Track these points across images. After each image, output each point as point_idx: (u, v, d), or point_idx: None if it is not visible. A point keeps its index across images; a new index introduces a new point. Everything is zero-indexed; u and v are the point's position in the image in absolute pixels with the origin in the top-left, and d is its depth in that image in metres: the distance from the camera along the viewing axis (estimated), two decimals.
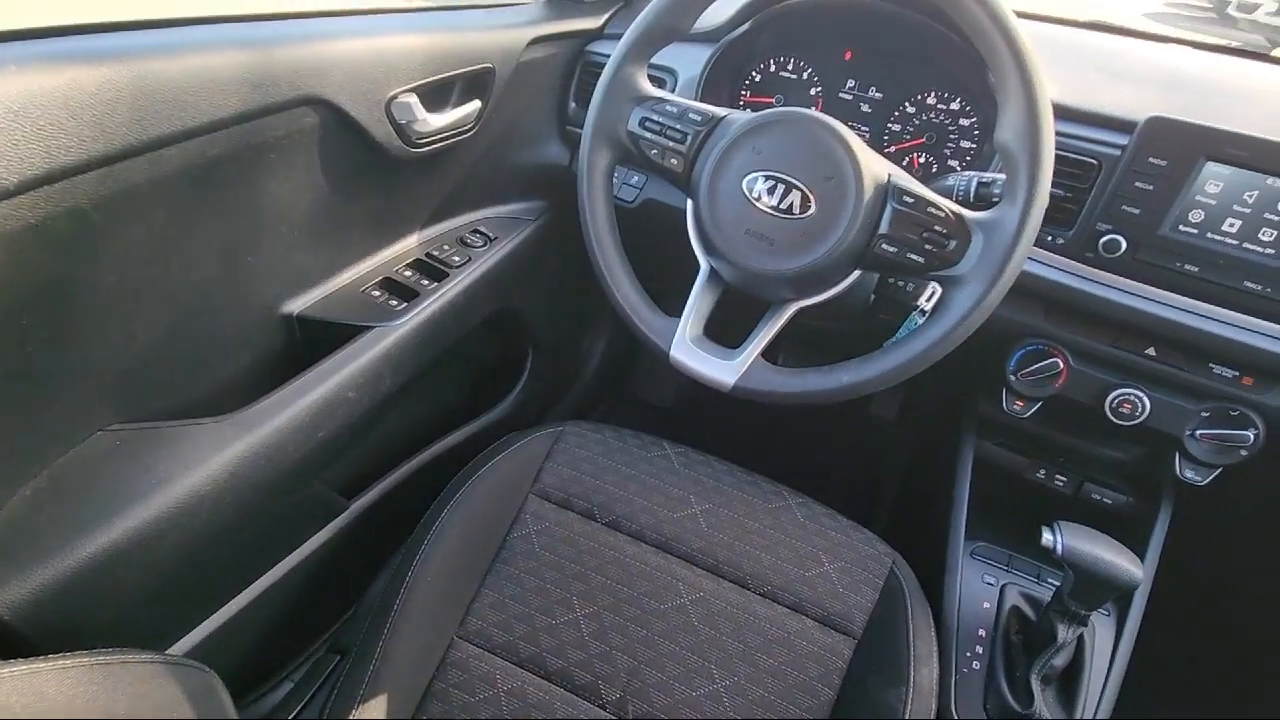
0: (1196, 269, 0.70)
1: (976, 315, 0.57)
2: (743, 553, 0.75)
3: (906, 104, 0.87)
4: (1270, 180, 0.66)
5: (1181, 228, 0.69)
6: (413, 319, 0.78)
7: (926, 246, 0.57)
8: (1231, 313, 0.70)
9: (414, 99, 0.71)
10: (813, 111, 0.60)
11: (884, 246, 0.58)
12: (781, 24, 0.88)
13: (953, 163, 0.88)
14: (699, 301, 0.67)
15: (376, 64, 0.68)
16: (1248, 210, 0.67)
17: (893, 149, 0.89)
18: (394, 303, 0.78)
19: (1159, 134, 0.68)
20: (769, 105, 0.69)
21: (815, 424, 1.48)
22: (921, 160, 0.89)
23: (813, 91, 0.91)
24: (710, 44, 0.87)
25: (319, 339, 0.73)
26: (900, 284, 0.76)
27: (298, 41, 0.62)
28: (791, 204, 0.59)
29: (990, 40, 0.54)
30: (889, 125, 0.88)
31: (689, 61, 0.88)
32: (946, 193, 0.67)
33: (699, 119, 0.63)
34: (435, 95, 0.76)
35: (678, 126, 0.63)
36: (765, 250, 0.60)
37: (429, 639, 0.69)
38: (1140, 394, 0.77)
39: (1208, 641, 1.21)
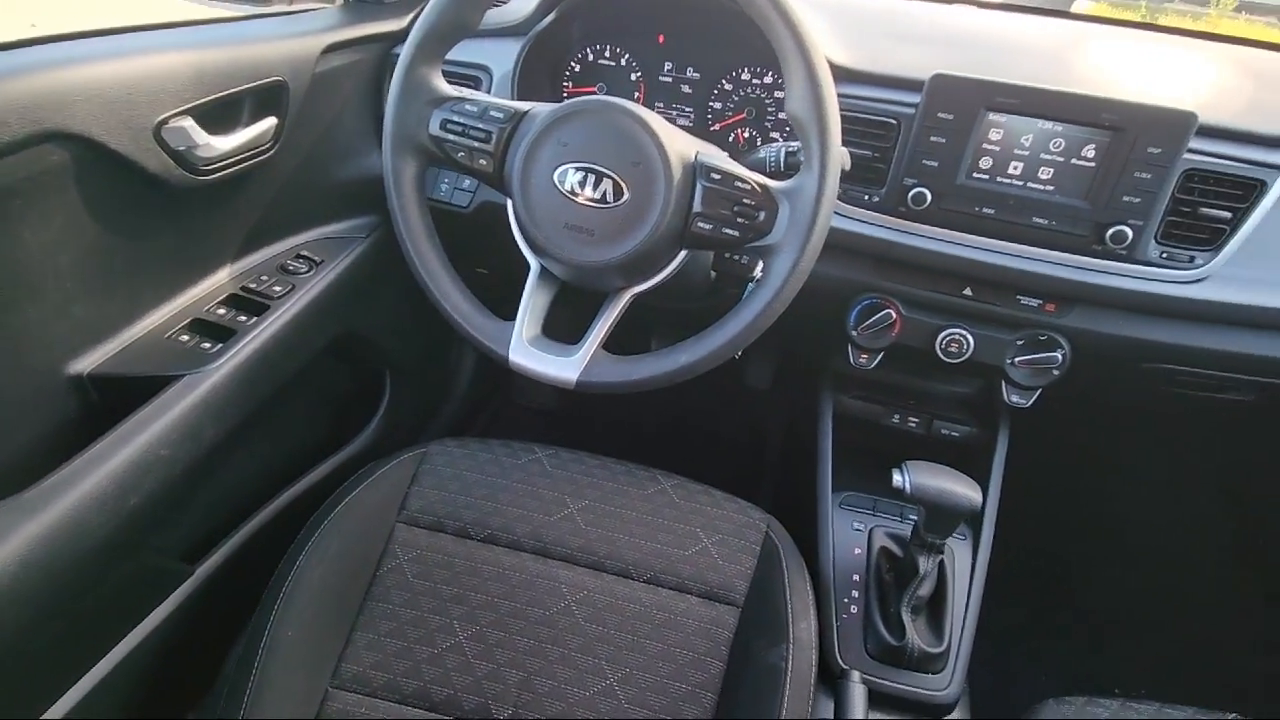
0: (993, 211, 0.76)
1: (794, 280, 0.58)
2: (623, 543, 0.75)
3: (724, 81, 0.89)
4: (1041, 124, 0.72)
5: (975, 175, 0.75)
6: (231, 360, 0.71)
7: (739, 220, 0.59)
8: (1027, 247, 0.76)
9: (190, 122, 0.65)
10: (613, 98, 0.60)
11: (700, 224, 0.59)
12: (591, 12, 0.88)
13: (775, 134, 0.91)
14: (533, 301, 0.66)
15: (136, 88, 0.61)
16: (1027, 153, 0.73)
17: (717, 126, 0.91)
18: (207, 345, 0.72)
19: (943, 90, 0.72)
20: (593, 95, 0.69)
21: (698, 403, 1.51)
22: (746, 135, 0.91)
23: (633, 77, 0.91)
24: (520, 37, 0.85)
25: (119, 397, 0.65)
26: (736, 258, 0.77)
27: (26, 72, 0.54)
28: (605, 193, 0.59)
29: (764, 14, 0.56)
30: (710, 104, 0.90)
31: (502, 57, 0.85)
32: (760, 165, 0.69)
33: (501, 116, 0.62)
34: (220, 117, 0.70)
35: (480, 125, 0.61)
36: (587, 242, 0.60)
37: (299, 696, 0.64)
38: (964, 332, 0.82)
39: (1056, 545, 1.34)
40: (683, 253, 0.63)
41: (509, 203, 0.64)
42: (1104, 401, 1.09)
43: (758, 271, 0.77)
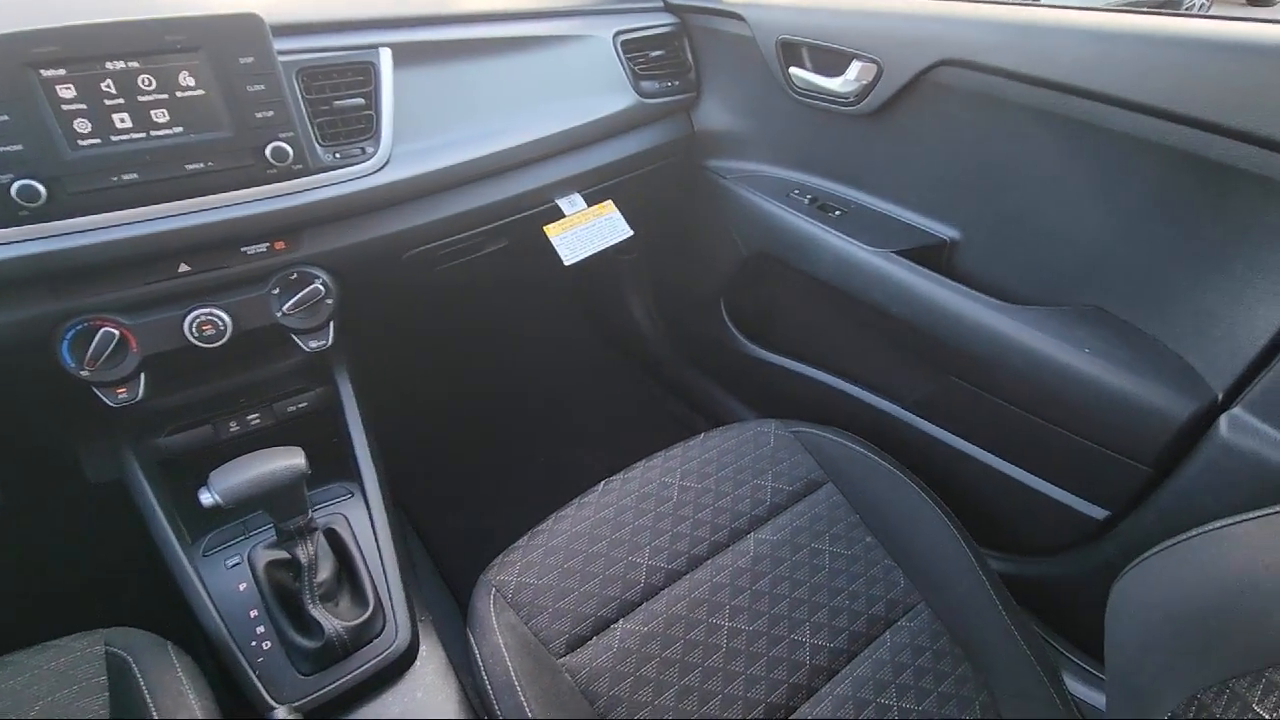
0: (136, 175, 0.65)
1: None
2: None
3: None
4: (110, 65, 0.62)
5: (84, 143, 0.62)
6: None
7: None
8: (206, 198, 0.68)
9: None
10: None
11: None
12: None
13: None
14: None
15: None
16: (122, 100, 0.63)
17: None
18: None
19: None
20: None
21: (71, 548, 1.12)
22: None
23: None
24: None
25: None
26: None
27: None
28: None
29: None
30: None
31: None
32: None
33: None
34: None
35: None
36: None
37: None
38: (212, 309, 0.73)
39: (472, 430, 1.47)
40: None
41: None
42: (418, 294, 1.16)
43: None
